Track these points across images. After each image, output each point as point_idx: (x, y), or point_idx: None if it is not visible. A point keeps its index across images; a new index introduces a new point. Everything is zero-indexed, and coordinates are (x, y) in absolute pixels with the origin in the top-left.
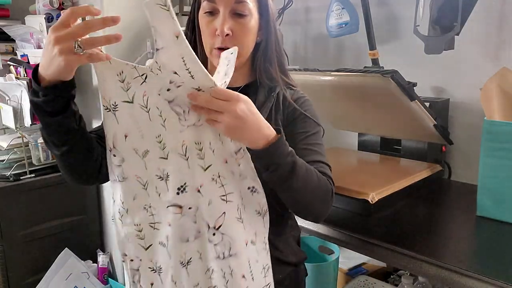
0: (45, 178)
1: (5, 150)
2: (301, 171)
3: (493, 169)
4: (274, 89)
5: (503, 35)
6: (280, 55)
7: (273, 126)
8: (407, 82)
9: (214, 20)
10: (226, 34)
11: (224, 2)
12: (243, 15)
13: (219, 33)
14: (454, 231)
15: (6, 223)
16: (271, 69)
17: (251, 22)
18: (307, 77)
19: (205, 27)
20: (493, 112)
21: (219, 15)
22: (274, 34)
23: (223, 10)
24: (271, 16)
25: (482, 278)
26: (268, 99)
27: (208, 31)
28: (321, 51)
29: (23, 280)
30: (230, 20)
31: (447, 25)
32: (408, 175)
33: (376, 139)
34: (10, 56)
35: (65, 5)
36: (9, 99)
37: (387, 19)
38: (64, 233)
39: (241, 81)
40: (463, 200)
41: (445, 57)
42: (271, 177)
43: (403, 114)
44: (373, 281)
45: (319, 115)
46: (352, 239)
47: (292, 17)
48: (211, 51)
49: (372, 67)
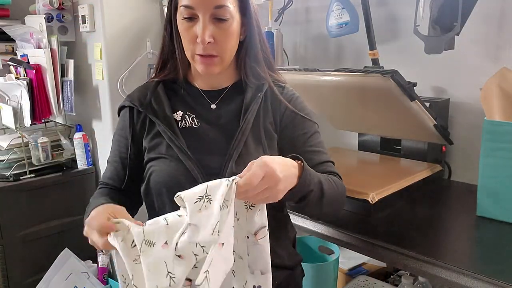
0: (45, 178)
1: (5, 150)
2: (327, 188)
3: (493, 169)
4: (261, 88)
5: (503, 35)
6: (265, 52)
7: (286, 155)
8: (407, 82)
9: (194, 26)
10: (208, 42)
11: (203, 8)
12: (224, 19)
13: (200, 41)
14: (454, 231)
15: (6, 223)
16: (258, 67)
17: (232, 25)
18: (307, 77)
19: (185, 32)
20: (493, 112)
21: (198, 20)
22: (258, 30)
23: (202, 16)
24: (253, 13)
25: (482, 278)
26: (255, 101)
27: (188, 37)
28: (321, 51)
29: (23, 280)
30: (210, 26)
31: (447, 25)
32: (408, 175)
33: (376, 139)
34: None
35: (65, 5)
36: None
37: (387, 19)
38: (64, 233)
39: (227, 82)
40: (463, 200)
41: (445, 57)
42: (303, 206)
43: (403, 114)
44: (373, 281)
45: (319, 115)
46: (352, 239)
47: (292, 17)
48: (193, 56)
49: (372, 67)
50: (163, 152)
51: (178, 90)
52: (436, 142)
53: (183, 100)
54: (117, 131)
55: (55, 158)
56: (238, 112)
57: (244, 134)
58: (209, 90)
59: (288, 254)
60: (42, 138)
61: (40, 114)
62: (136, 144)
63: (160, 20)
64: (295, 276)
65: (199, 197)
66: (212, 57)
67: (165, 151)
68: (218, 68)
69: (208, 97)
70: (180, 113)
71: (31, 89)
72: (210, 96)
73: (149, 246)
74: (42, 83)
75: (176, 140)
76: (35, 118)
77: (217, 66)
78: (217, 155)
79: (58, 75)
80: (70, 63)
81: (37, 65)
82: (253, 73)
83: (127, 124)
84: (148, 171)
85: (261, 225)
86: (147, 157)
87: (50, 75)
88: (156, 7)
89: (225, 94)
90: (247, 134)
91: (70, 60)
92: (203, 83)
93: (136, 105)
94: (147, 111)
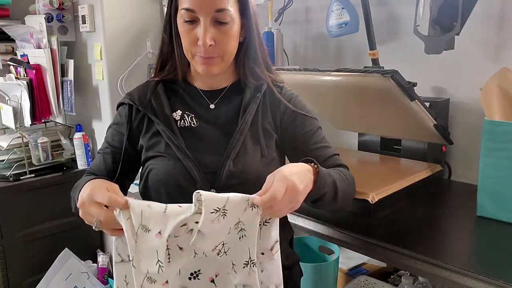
0: (45, 178)
1: (5, 150)
2: (340, 185)
3: (493, 169)
4: (260, 89)
5: (503, 35)
6: (263, 52)
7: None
8: (407, 82)
9: (195, 29)
10: (209, 45)
11: (205, 12)
12: (225, 22)
13: (201, 44)
14: (454, 231)
15: (6, 223)
16: (256, 68)
17: (233, 28)
18: (307, 77)
19: (185, 34)
20: (493, 112)
21: (199, 23)
22: (257, 32)
23: (203, 20)
24: (252, 15)
25: (482, 278)
26: (254, 101)
27: (189, 40)
28: (321, 51)
29: (23, 280)
30: (211, 29)
31: (447, 25)
32: (408, 175)
33: (376, 139)
34: (10, 56)
35: (65, 5)
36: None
37: (387, 19)
38: (64, 233)
39: (226, 82)
40: (463, 200)
41: (445, 57)
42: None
43: (403, 114)
44: (373, 281)
45: (319, 115)
46: (352, 239)
47: (292, 17)
48: (194, 57)
49: (372, 67)
50: (161, 151)
51: (178, 90)
52: (436, 142)
53: (182, 99)
54: (112, 124)
55: (55, 158)
56: (237, 112)
57: (242, 133)
58: (208, 90)
59: (285, 254)
60: (42, 138)
61: (40, 114)
62: (131, 142)
63: (160, 20)
64: (293, 275)
65: (217, 208)
66: (213, 57)
67: (163, 150)
68: (218, 68)
69: (207, 97)
70: (179, 113)
71: (31, 89)
72: (209, 96)
73: (144, 231)
74: (42, 83)
75: (174, 139)
76: (35, 118)
77: (217, 66)
78: (215, 154)
79: (58, 75)
80: (70, 63)
81: (37, 65)
82: (251, 74)
83: (125, 120)
84: (146, 170)
85: (275, 239)
86: (145, 156)
87: (50, 75)
88: (156, 7)
89: (224, 94)
90: (245, 134)
91: (70, 60)
92: (202, 83)
93: (136, 103)
94: (147, 110)
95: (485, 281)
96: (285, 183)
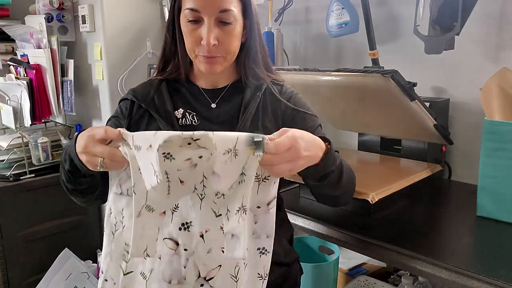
0: (45, 178)
1: (5, 150)
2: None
3: (493, 169)
4: (260, 88)
5: (503, 35)
6: (264, 53)
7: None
8: (407, 82)
9: (199, 29)
10: (213, 44)
11: (209, 12)
12: (228, 23)
13: (204, 44)
14: (454, 231)
15: (6, 223)
16: (257, 69)
17: (236, 28)
18: (307, 77)
19: (188, 34)
20: (493, 112)
21: (203, 23)
22: (258, 33)
23: (207, 20)
24: (255, 16)
25: (482, 278)
26: (254, 100)
27: (192, 39)
28: (321, 51)
29: (23, 280)
30: (215, 29)
31: (447, 25)
32: (408, 175)
33: (376, 139)
34: (10, 56)
35: (65, 5)
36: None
37: (387, 19)
38: (64, 233)
39: (226, 81)
40: (463, 200)
41: (445, 57)
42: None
43: (403, 114)
44: (373, 281)
45: (319, 115)
46: (352, 239)
47: (292, 17)
48: (196, 57)
49: (372, 67)
50: None
51: (180, 89)
52: (436, 142)
53: (184, 98)
54: (112, 117)
55: (55, 158)
56: (237, 111)
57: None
58: (209, 88)
59: (284, 251)
60: (42, 138)
61: (40, 114)
62: None
63: (160, 20)
64: (292, 272)
65: (228, 149)
66: (216, 57)
67: None
68: (221, 67)
69: (208, 96)
70: (181, 111)
71: (31, 89)
72: (210, 95)
73: (137, 150)
74: (42, 83)
75: None
76: (35, 118)
77: (220, 64)
78: None
79: (58, 75)
80: (70, 63)
81: (37, 65)
82: (252, 74)
83: (125, 114)
84: None
85: (274, 196)
86: None
87: (50, 75)
88: (156, 7)
89: (225, 93)
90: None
91: (70, 60)
92: (204, 82)
93: (139, 100)
94: (149, 107)
95: (485, 281)
96: (291, 142)
